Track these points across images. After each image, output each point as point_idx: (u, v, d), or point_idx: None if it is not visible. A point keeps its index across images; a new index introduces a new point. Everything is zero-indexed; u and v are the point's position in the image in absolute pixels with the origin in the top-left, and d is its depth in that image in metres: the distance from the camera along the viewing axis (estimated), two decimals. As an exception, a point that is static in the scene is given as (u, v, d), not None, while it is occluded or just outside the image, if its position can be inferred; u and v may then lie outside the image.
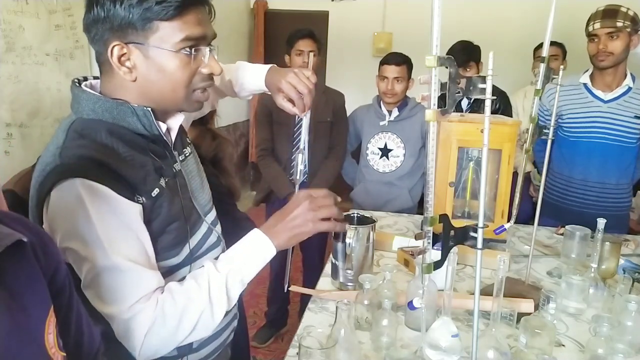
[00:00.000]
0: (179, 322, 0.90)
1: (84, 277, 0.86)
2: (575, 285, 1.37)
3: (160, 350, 0.91)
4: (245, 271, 0.96)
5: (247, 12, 5.11)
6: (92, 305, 0.86)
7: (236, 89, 1.30)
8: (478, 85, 0.79)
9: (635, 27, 1.94)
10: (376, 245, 1.58)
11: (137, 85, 0.92)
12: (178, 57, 0.90)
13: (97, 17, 0.88)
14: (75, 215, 0.84)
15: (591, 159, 2.10)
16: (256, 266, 0.97)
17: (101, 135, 0.89)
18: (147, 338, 0.87)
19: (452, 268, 1.02)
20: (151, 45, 0.88)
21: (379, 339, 1.18)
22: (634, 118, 2.01)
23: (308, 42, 2.47)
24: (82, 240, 0.84)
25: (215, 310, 0.93)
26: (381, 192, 2.47)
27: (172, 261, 0.97)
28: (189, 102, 0.96)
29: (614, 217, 2.05)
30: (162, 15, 0.86)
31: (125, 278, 0.86)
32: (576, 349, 1.21)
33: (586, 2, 2.05)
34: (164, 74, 0.91)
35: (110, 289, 0.85)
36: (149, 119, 0.92)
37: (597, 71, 2.06)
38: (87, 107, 0.92)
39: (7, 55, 2.22)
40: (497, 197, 1.69)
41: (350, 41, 4.83)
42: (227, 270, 0.95)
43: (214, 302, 0.93)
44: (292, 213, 0.99)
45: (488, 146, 0.81)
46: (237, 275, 0.95)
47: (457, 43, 2.64)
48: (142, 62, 0.90)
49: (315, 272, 2.01)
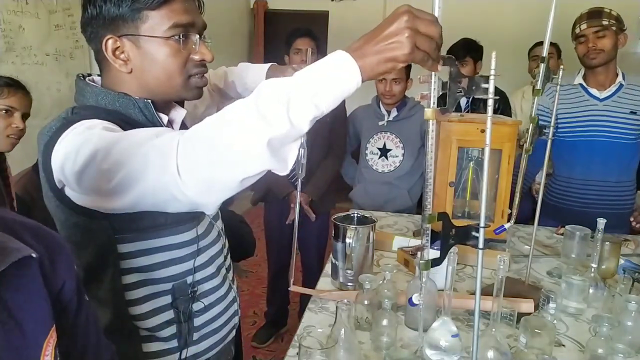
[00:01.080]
0: (213, 125, 0.75)
1: (101, 171, 0.80)
2: (575, 285, 1.37)
3: (202, 161, 0.74)
4: (321, 88, 0.72)
5: (247, 12, 5.12)
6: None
7: (239, 89, 1.33)
8: (481, 85, 0.79)
9: (620, 25, 1.99)
10: (376, 245, 1.58)
11: (134, 77, 0.95)
12: (168, 45, 0.92)
13: (91, 16, 0.91)
14: (84, 135, 0.83)
15: (591, 158, 2.10)
16: (334, 89, 0.72)
17: (106, 114, 0.91)
18: (181, 147, 0.74)
19: (452, 268, 1.02)
20: (142, 34, 0.91)
21: (379, 339, 1.18)
22: (629, 114, 2.04)
23: (306, 40, 2.50)
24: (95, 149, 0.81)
25: (266, 120, 0.70)
26: (380, 192, 2.47)
27: (176, 238, 0.98)
28: (187, 88, 0.98)
29: (617, 215, 2.05)
30: (149, 4, 0.89)
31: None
32: (576, 349, 1.21)
33: (580, 2, 2.06)
34: (156, 62, 0.93)
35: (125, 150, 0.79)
36: (150, 111, 0.94)
37: (590, 71, 2.08)
38: (91, 99, 0.95)
39: (7, 55, 2.22)
40: (497, 197, 1.69)
41: (350, 41, 4.80)
42: (294, 80, 0.73)
43: (263, 110, 0.71)
44: (386, 30, 0.73)
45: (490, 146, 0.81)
46: (308, 89, 0.71)
47: (462, 39, 2.73)
48: (135, 53, 0.93)
49: (315, 272, 2.01)
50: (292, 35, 2.53)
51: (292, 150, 0.75)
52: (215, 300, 1.07)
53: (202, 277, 1.04)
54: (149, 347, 0.98)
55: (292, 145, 0.75)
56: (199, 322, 1.04)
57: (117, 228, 0.91)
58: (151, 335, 0.99)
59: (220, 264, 1.10)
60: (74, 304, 0.64)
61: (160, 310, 0.98)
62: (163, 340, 0.99)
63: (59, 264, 0.61)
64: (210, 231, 1.08)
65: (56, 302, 0.60)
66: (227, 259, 1.17)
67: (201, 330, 1.04)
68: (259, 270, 3.51)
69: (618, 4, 2.08)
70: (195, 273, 1.02)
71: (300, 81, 0.72)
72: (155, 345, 0.99)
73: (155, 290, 0.98)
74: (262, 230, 2.78)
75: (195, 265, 1.01)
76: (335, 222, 1.48)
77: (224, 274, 1.12)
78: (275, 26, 4.96)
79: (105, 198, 0.83)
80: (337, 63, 0.73)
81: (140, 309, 0.96)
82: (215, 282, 1.07)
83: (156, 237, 0.95)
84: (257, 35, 5.05)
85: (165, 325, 0.99)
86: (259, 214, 2.72)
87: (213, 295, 1.07)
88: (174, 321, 1.00)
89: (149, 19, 0.90)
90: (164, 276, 0.98)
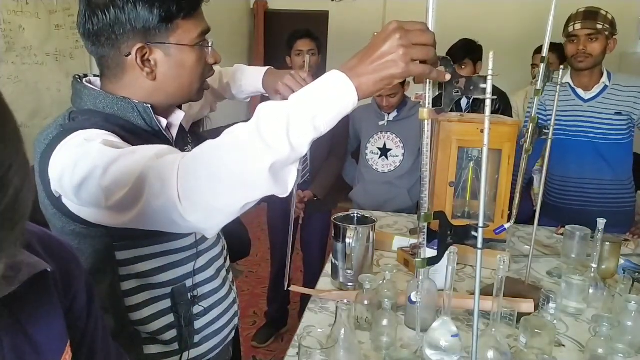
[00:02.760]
0: (214, 151, 0.75)
1: (98, 182, 0.79)
2: (575, 285, 1.37)
3: (203, 188, 0.73)
4: (319, 110, 0.73)
5: (247, 12, 5.11)
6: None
7: (234, 91, 1.33)
8: (479, 85, 0.79)
9: (613, 31, 1.98)
10: (376, 245, 1.58)
11: (153, 84, 0.94)
12: (195, 52, 0.94)
13: (112, 22, 0.87)
14: (84, 148, 0.81)
15: (583, 157, 2.10)
16: (332, 110, 0.73)
17: (104, 120, 0.90)
18: (182, 172, 0.73)
19: (452, 268, 1.02)
20: (173, 43, 0.91)
21: (379, 339, 1.18)
22: (614, 115, 2.03)
23: (306, 41, 2.52)
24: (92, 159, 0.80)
25: (267, 144, 0.70)
26: (380, 192, 2.47)
27: (175, 244, 0.97)
28: (199, 92, 1.01)
29: (617, 213, 2.05)
30: (182, 14, 0.90)
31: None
32: (576, 349, 1.21)
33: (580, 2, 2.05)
34: (184, 69, 0.94)
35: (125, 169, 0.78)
36: (149, 115, 0.93)
37: (575, 72, 2.09)
38: (89, 102, 0.93)
39: (7, 55, 2.22)
40: (497, 197, 1.69)
41: (350, 41, 4.79)
42: (293, 103, 0.73)
43: (265, 134, 0.71)
44: (378, 50, 0.74)
45: (488, 146, 0.81)
46: (307, 111, 0.72)
47: (461, 40, 2.71)
48: (164, 61, 0.92)
49: (315, 272, 2.01)
50: (293, 37, 2.55)
51: (292, 172, 0.76)
52: (215, 302, 1.07)
53: (202, 280, 1.04)
54: (150, 350, 0.98)
55: (291, 168, 0.75)
56: (199, 324, 1.03)
57: (115, 235, 0.90)
58: (152, 339, 0.98)
59: (219, 266, 1.10)
60: (85, 317, 0.63)
61: (160, 315, 0.98)
62: (164, 344, 0.99)
63: (72, 277, 0.60)
64: None
65: (68, 314, 0.59)
66: (227, 260, 1.17)
67: (202, 332, 1.04)
68: (259, 270, 3.51)
69: (618, 4, 2.07)
70: (195, 276, 1.02)
71: (299, 104, 0.73)
72: (157, 348, 0.99)
73: (155, 295, 0.97)
74: (263, 230, 2.78)
75: (194, 268, 1.01)
76: (335, 222, 1.48)
77: (223, 276, 1.12)
78: (275, 26, 4.96)
79: (104, 213, 0.83)
80: (334, 84, 0.74)
81: (141, 314, 0.96)
82: (215, 284, 1.07)
83: (154, 243, 0.94)
84: (257, 35, 5.05)
85: (166, 329, 0.99)
86: (261, 213, 2.72)
87: (213, 297, 1.06)
88: (174, 325, 0.99)
89: (179, 27, 0.91)
90: (162, 281, 0.97)
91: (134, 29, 0.88)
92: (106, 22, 0.88)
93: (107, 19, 0.87)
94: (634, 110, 2.01)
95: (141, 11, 0.87)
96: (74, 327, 0.60)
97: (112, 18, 0.87)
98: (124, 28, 0.88)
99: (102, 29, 0.89)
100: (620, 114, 2.02)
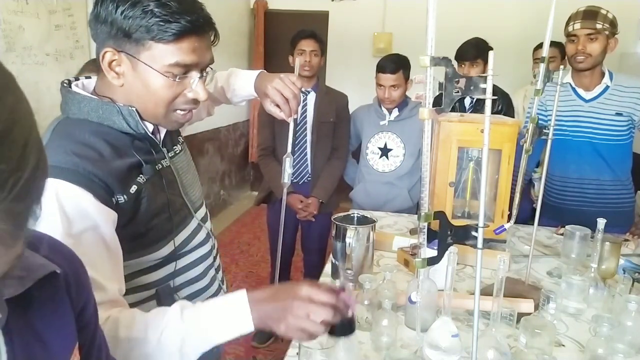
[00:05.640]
0: (130, 342, 0.81)
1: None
2: (575, 285, 1.37)
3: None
4: (211, 335, 0.82)
5: (247, 12, 5.11)
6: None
7: (228, 95, 1.33)
8: (479, 85, 0.79)
9: (613, 30, 1.96)
10: (376, 245, 1.58)
11: (123, 90, 0.93)
12: (163, 78, 0.90)
13: (98, 17, 0.89)
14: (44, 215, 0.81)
15: (583, 157, 2.10)
16: (225, 334, 0.83)
17: (83, 135, 0.89)
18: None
19: (452, 268, 1.02)
20: (141, 60, 0.89)
21: (379, 339, 1.18)
22: (615, 115, 2.02)
23: (310, 42, 2.53)
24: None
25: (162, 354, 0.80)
26: (381, 192, 2.47)
27: (154, 256, 0.97)
28: (167, 120, 0.97)
29: (617, 213, 2.05)
30: (159, 37, 0.86)
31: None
32: (576, 349, 1.21)
33: (581, 2, 2.05)
34: (147, 89, 0.91)
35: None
36: (134, 118, 0.93)
37: (575, 72, 2.08)
38: (74, 107, 0.93)
39: (7, 55, 2.21)
40: (497, 197, 1.69)
41: (351, 41, 4.84)
42: (189, 324, 0.82)
43: (163, 346, 0.81)
44: (283, 300, 0.83)
45: (488, 146, 0.81)
46: (200, 333, 0.82)
47: (473, 38, 2.67)
48: (130, 73, 0.91)
49: (315, 272, 2.01)
50: (296, 37, 2.57)
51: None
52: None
53: (186, 279, 1.05)
54: None
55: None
56: None
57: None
58: None
59: (208, 265, 1.11)
60: (93, 322, 0.63)
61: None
62: None
63: (82, 281, 0.60)
64: (197, 233, 1.08)
65: (79, 318, 0.59)
66: (217, 259, 1.18)
67: None
68: (259, 270, 3.51)
69: (618, 4, 2.06)
70: (180, 276, 1.03)
71: (195, 325, 0.81)
72: None
73: (140, 298, 0.98)
74: (263, 230, 2.78)
75: (175, 269, 1.02)
76: (335, 222, 1.48)
77: (212, 275, 1.13)
78: (275, 26, 4.96)
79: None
80: (234, 308, 0.83)
81: None
82: (202, 283, 1.08)
83: (133, 258, 0.95)
84: (257, 35, 5.05)
85: None
86: (261, 214, 2.73)
87: (200, 297, 1.07)
88: None
89: (152, 48, 0.88)
90: (145, 282, 0.98)
91: (110, 30, 0.88)
92: (95, 15, 0.89)
93: (96, 11, 0.89)
94: (634, 111, 2.00)
95: (119, 16, 0.86)
96: (83, 332, 0.61)
97: (98, 12, 0.88)
98: (104, 26, 0.88)
99: (92, 20, 0.91)
100: (621, 114, 2.02)
